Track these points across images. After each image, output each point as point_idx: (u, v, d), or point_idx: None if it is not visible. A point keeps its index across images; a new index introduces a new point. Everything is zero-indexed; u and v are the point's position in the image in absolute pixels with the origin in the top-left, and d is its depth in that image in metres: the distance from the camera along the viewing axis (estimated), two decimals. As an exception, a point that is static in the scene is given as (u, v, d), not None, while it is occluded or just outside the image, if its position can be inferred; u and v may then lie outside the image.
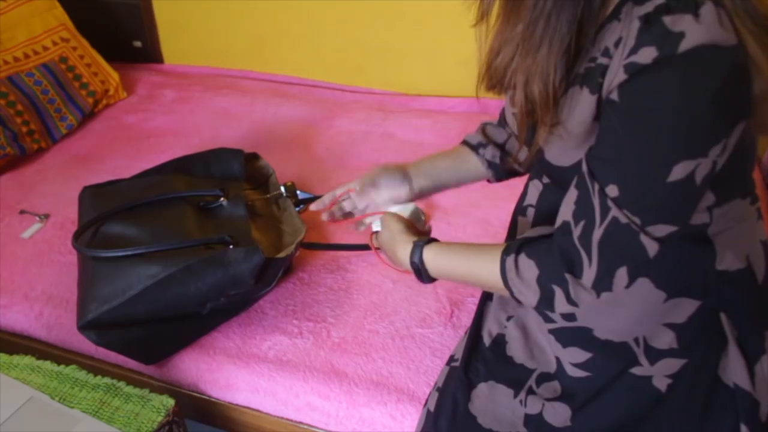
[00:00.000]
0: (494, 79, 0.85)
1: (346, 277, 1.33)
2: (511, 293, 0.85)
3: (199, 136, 1.87)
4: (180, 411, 1.10)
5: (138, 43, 2.30)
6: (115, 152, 1.83)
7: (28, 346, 1.32)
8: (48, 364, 1.15)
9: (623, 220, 0.74)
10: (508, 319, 1.00)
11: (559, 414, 0.89)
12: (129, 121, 1.99)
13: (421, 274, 0.95)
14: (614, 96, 0.73)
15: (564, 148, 0.82)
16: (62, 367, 1.14)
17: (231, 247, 1.17)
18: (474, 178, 1.12)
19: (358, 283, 1.31)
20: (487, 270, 0.87)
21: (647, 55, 0.68)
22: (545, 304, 0.82)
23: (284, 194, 1.43)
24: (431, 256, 0.93)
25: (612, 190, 0.74)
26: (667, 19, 0.68)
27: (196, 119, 1.96)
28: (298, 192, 1.48)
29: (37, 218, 1.55)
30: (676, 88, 0.68)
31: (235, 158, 1.44)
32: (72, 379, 1.12)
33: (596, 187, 0.76)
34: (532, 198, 0.96)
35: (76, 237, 1.21)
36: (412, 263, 0.95)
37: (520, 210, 1.00)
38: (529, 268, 0.83)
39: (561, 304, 0.80)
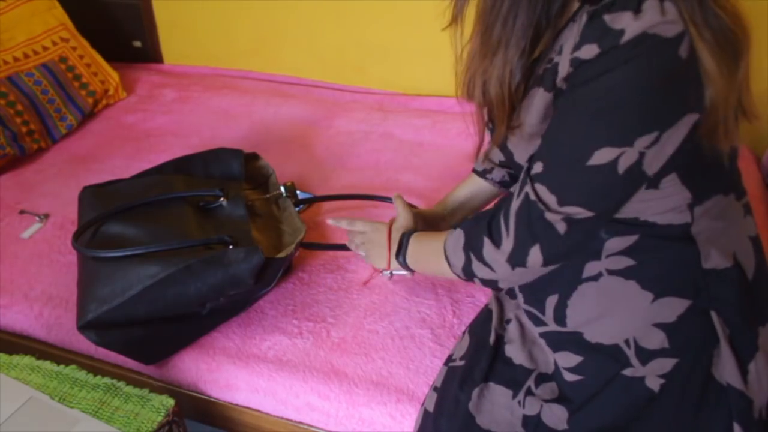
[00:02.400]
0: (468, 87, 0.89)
1: (346, 277, 1.33)
2: (450, 266, 0.93)
3: (199, 136, 1.87)
4: (180, 411, 1.10)
5: (138, 43, 2.30)
6: (115, 152, 1.82)
7: (28, 346, 1.32)
8: (48, 364, 1.15)
9: (532, 197, 0.78)
10: (508, 321, 1.01)
11: (556, 416, 0.89)
12: (129, 121, 1.98)
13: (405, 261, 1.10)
14: (562, 86, 0.76)
15: (527, 149, 0.84)
16: (62, 367, 1.14)
17: (231, 247, 1.17)
18: (492, 197, 1.22)
19: (358, 283, 1.31)
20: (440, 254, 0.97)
21: (589, 51, 0.71)
22: (468, 271, 0.89)
23: (284, 194, 1.43)
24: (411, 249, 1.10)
25: (537, 167, 0.78)
26: (607, 17, 0.69)
27: (196, 119, 1.96)
28: (297, 192, 1.48)
29: (37, 218, 1.55)
30: (612, 76, 0.70)
31: (234, 158, 1.44)
32: (72, 379, 1.12)
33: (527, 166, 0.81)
34: None
35: (76, 237, 1.21)
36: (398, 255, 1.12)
37: None
38: (458, 237, 0.90)
39: (478, 269, 0.87)
